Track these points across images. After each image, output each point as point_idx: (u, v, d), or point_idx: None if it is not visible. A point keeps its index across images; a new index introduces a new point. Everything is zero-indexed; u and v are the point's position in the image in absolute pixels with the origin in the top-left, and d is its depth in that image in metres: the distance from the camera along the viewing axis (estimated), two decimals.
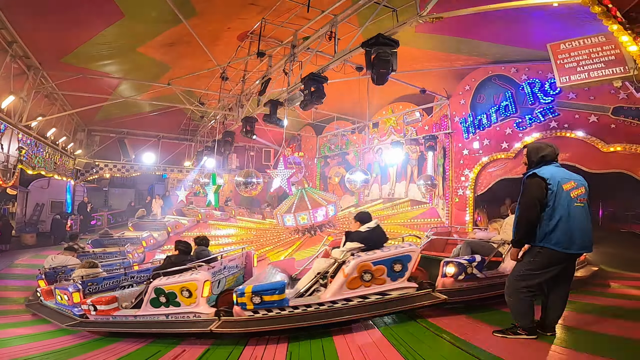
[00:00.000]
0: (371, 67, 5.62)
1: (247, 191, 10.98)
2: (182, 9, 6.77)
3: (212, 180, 12.63)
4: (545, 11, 5.92)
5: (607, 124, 7.57)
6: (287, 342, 3.94)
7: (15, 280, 8.31)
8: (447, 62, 9.76)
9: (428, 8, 5.29)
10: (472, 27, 7.33)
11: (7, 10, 6.60)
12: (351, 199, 15.08)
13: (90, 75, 9.50)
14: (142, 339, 4.51)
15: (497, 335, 3.35)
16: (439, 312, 4.27)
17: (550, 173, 3.09)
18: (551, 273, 3.12)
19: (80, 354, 4.27)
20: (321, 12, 6.88)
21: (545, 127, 8.54)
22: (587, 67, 5.57)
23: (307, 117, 15.26)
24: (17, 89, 8.35)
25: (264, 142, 16.24)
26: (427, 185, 10.88)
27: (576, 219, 3.03)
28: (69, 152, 13.71)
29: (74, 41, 7.90)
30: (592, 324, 3.57)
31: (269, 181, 14.10)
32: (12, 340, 4.75)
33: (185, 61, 9.44)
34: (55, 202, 15.50)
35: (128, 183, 21.04)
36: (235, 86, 10.73)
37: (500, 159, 9.47)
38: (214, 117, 13.55)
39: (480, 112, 9.98)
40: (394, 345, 3.51)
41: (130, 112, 13.57)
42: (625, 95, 7.26)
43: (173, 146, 17.17)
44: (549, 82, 8.30)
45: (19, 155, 9.29)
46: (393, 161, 12.83)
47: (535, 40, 7.24)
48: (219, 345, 4.06)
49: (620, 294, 4.89)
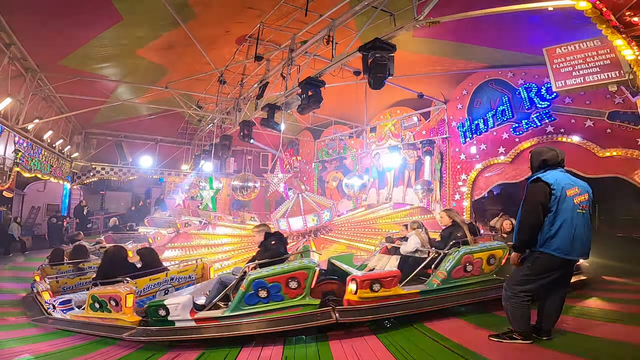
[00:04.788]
0: (368, 72, 5.65)
1: (244, 195, 10.95)
2: (180, 12, 6.80)
3: (210, 184, 12.61)
4: (541, 15, 5.97)
5: (603, 128, 7.61)
6: (282, 345, 3.91)
7: (9, 283, 8.24)
8: (445, 67, 9.80)
9: (425, 12, 5.32)
10: (468, 31, 7.38)
11: (5, 13, 6.61)
12: (348, 203, 15.06)
13: (88, 77, 9.50)
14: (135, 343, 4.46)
15: (493, 339, 3.34)
16: (436, 317, 4.24)
17: (555, 178, 3.06)
18: (549, 278, 3.11)
19: (71, 357, 4.23)
20: (319, 16, 6.91)
21: (541, 131, 8.57)
22: (583, 71, 5.59)
23: (305, 121, 15.27)
24: (14, 91, 8.34)
25: (261, 146, 16.22)
26: (424, 190, 10.89)
27: (578, 225, 3.01)
28: (66, 155, 13.68)
29: (73, 44, 7.92)
30: (588, 329, 3.55)
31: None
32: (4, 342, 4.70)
33: (183, 64, 9.46)
34: (51, 205, 15.41)
35: (125, 186, 20.93)
36: (233, 90, 10.74)
37: (497, 163, 9.50)
38: (211, 121, 13.54)
39: (477, 116, 10.02)
40: (389, 349, 3.48)
41: (127, 115, 13.57)
42: (621, 99, 7.30)
43: (170, 150, 17.15)
44: (545, 86, 8.35)
45: (15, 158, 9.26)
46: (390, 166, 12.85)
47: (532, 45, 7.30)
48: (213, 349, 4.02)
49: (615, 299, 4.87)
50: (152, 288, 5.55)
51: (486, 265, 4.64)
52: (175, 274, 5.97)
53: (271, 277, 4.07)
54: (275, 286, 4.06)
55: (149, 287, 5.51)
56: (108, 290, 4.77)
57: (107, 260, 5.49)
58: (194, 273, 6.31)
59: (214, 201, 12.87)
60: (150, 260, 6.08)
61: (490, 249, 4.70)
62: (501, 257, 4.74)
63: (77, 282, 6.72)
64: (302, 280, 4.08)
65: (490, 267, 4.68)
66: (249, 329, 3.99)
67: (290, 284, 4.05)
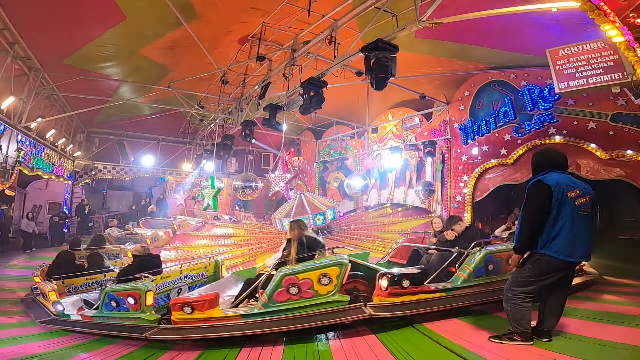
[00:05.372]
0: (370, 72, 5.64)
1: (246, 195, 10.94)
2: (183, 12, 6.81)
3: (211, 184, 12.60)
4: (545, 17, 5.95)
5: (606, 130, 7.58)
6: (282, 345, 3.91)
7: (11, 282, 8.26)
8: (447, 68, 9.79)
9: (428, 13, 5.31)
10: (471, 32, 7.36)
11: (9, 11, 6.63)
12: (350, 204, 15.05)
13: (90, 77, 9.53)
14: (135, 342, 4.48)
15: (494, 341, 3.33)
16: (436, 318, 4.23)
17: (556, 180, 3.06)
18: (549, 280, 3.11)
19: (73, 355, 4.25)
20: (322, 16, 6.90)
21: (544, 133, 8.54)
22: (586, 72, 5.56)
23: (307, 121, 15.28)
24: (17, 90, 8.37)
25: (263, 146, 16.26)
26: (425, 191, 10.87)
27: (579, 227, 3.01)
28: (68, 153, 13.71)
29: (76, 43, 7.93)
30: (589, 330, 3.54)
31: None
32: (5, 341, 4.71)
33: (185, 64, 9.47)
34: (53, 203, 15.43)
35: (126, 185, 20.97)
36: (235, 90, 10.75)
37: (499, 165, 9.47)
38: (213, 121, 13.55)
39: (479, 118, 9.99)
40: (390, 350, 3.48)
41: (130, 114, 13.60)
42: (624, 101, 7.27)
43: (172, 149, 17.20)
44: (548, 88, 8.32)
45: (18, 156, 9.29)
46: (392, 166, 12.84)
47: (535, 46, 7.28)
48: (213, 349, 4.03)
49: (617, 300, 4.86)
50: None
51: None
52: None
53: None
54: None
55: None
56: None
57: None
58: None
59: (215, 201, 12.85)
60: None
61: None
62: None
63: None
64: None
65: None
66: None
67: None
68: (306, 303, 4.08)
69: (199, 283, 6.15)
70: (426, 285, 4.37)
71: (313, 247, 4.65)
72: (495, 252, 4.67)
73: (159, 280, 5.40)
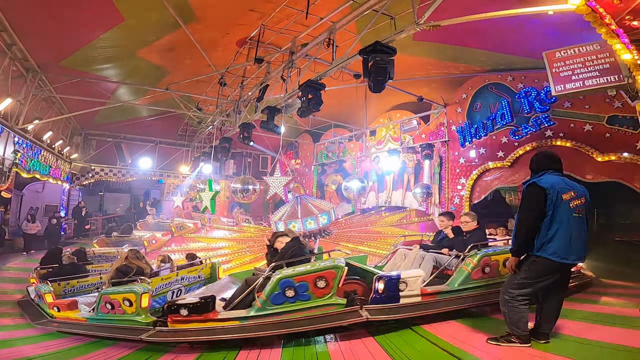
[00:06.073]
0: (368, 75, 5.66)
1: (244, 198, 10.94)
2: (182, 14, 6.81)
3: (209, 187, 12.60)
4: (541, 20, 5.98)
5: (602, 132, 7.61)
6: (280, 347, 3.89)
7: (8, 284, 8.21)
8: (444, 70, 9.83)
9: (425, 16, 5.33)
10: (469, 35, 7.40)
11: (7, 13, 6.63)
12: (348, 206, 15.05)
13: (88, 79, 9.52)
14: (134, 344, 4.45)
15: (491, 343, 3.34)
16: (434, 320, 4.23)
17: (550, 183, 3.07)
18: (546, 282, 3.12)
19: (71, 357, 4.22)
20: (320, 19, 6.93)
21: (540, 136, 8.59)
22: (582, 75, 5.58)
23: (305, 124, 15.30)
24: (14, 91, 8.35)
25: (261, 148, 16.24)
26: (423, 193, 10.87)
27: (574, 229, 3.02)
28: (65, 155, 13.67)
29: (74, 44, 7.93)
30: (586, 332, 3.55)
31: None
32: (2, 343, 4.68)
33: (183, 66, 9.48)
34: (49, 206, 15.39)
35: (123, 188, 20.90)
36: (233, 92, 10.76)
37: (496, 167, 9.50)
38: (211, 123, 13.55)
39: (476, 120, 10.03)
40: (388, 352, 3.47)
41: (127, 116, 13.58)
42: (620, 104, 7.31)
43: (170, 151, 17.15)
44: (545, 90, 8.36)
45: (14, 158, 9.26)
46: (390, 169, 12.86)
47: (531, 49, 7.31)
48: (212, 351, 4.01)
49: (613, 302, 4.87)
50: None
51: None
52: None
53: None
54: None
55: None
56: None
57: None
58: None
59: (212, 203, 12.84)
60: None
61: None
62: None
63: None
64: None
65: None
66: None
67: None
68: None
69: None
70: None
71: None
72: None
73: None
